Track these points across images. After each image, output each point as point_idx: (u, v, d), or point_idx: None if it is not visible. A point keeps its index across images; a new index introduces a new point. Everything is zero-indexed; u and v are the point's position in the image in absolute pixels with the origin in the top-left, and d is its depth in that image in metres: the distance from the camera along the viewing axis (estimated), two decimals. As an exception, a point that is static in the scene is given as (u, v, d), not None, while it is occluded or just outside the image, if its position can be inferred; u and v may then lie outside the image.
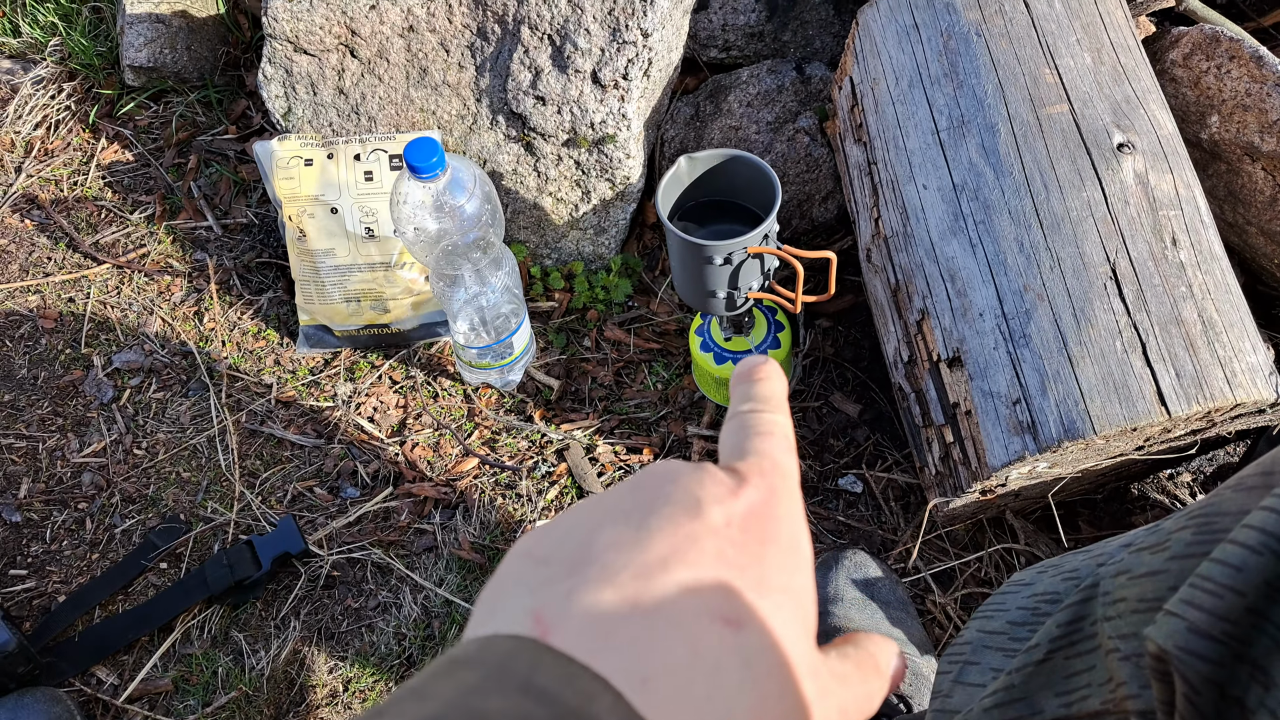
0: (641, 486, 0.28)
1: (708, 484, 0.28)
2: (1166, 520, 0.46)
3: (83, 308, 1.38)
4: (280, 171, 1.22)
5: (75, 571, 1.16)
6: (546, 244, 1.36)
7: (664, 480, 0.28)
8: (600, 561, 0.25)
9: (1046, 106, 0.96)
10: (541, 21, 1.16)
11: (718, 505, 0.27)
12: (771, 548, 0.27)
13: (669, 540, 0.26)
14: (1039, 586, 0.58)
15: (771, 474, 0.29)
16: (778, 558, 0.27)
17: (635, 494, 0.28)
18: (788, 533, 0.28)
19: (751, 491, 0.28)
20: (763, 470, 0.29)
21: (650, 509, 0.27)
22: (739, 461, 0.30)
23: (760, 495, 0.28)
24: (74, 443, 1.26)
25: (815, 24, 1.36)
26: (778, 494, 0.29)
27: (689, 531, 0.26)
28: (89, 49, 1.56)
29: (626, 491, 0.28)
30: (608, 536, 0.26)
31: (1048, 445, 0.87)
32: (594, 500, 0.29)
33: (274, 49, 1.22)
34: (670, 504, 0.27)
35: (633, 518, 0.27)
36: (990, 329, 0.92)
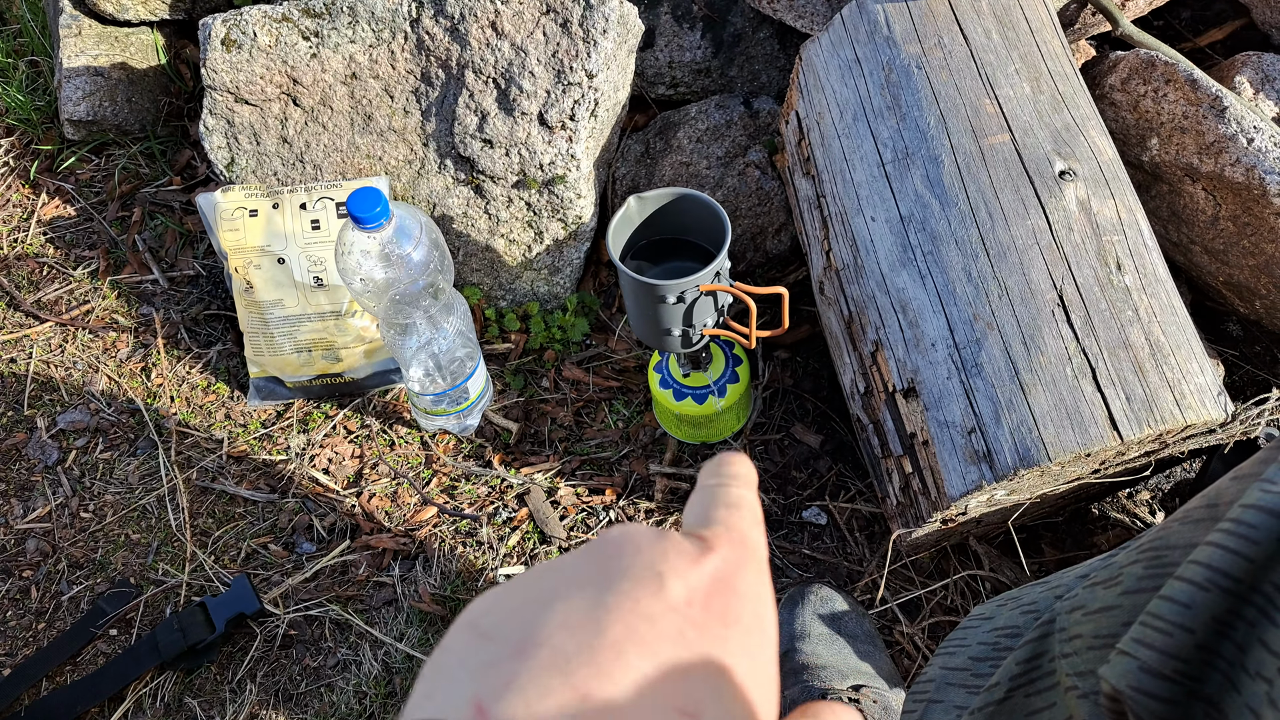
0: (599, 555, 0.27)
1: (670, 555, 0.26)
2: (1119, 552, 0.45)
3: (25, 368, 1.34)
4: (225, 223, 1.20)
5: (20, 643, 1.12)
6: (500, 285, 1.35)
7: (623, 549, 0.27)
8: (549, 644, 0.24)
9: (988, 136, 0.97)
10: (485, 65, 1.16)
11: (679, 579, 0.26)
12: (734, 629, 0.26)
13: (625, 621, 0.24)
14: (999, 620, 0.58)
15: (738, 545, 0.28)
16: (740, 639, 0.26)
17: (592, 564, 0.26)
18: (751, 610, 0.27)
19: (715, 560, 0.27)
20: (730, 540, 0.28)
21: (607, 583, 0.25)
22: (704, 529, 0.29)
23: (724, 566, 0.27)
24: (18, 508, 1.22)
25: (761, 59, 1.37)
26: (743, 567, 0.28)
27: (647, 611, 0.25)
28: (26, 104, 1.53)
29: (583, 560, 0.27)
30: (559, 615, 0.25)
31: (1004, 473, 0.87)
32: (548, 568, 0.27)
33: (214, 100, 1.21)
34: (629, 578, 0.25)
35: (587, 592, 0.25)
36: (943, 359, 0.92)
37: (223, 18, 1.16)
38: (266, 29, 1.16)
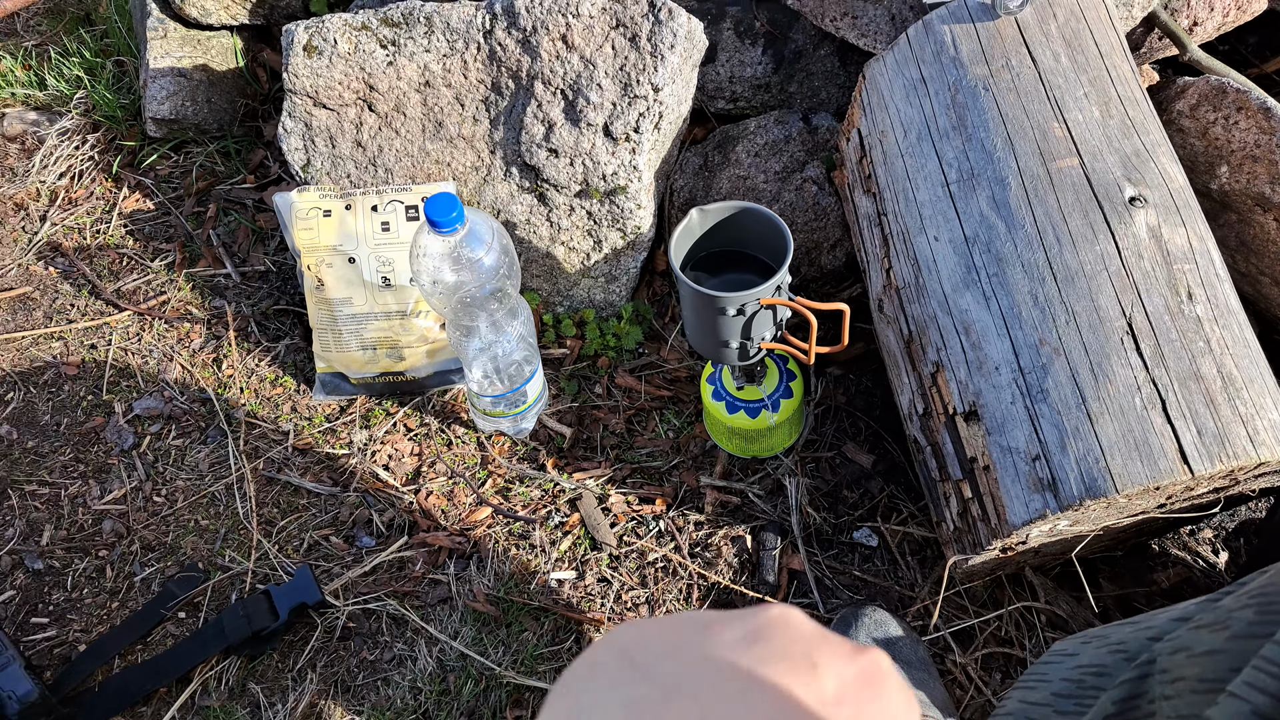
0: (759, 625, 0.27)
1: (826, 646, 0.27)
2: (1224, 597, 0.45)
3: (104, 354, 1.40)
4: (299, 222, 1.24)
5: (95, 620, 1.17)
6: (558, 292, 1.37)
7: (785, 628, 0.27)
8: (699, 700, 0.24)
9: (1056, 160, 0.97)
10: (555, 77, 1.18)
11: (832, 671, 0.26)
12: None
13: (773, 702, 0.24)
14: (1083, 658, 0.58)
15: (886, 658, 0.28)
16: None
17: (750, 630, 0.26)
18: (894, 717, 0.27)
19: (869, 659, 0.27)
20: (881, 651, 0.28)
21: (765, 657, 0.25)
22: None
23: (875, 668, 0.27)
24: (95, 490, 1.27)
25: (821, 75, 1.38)
26: (892, 674, 0.28)
27: (797, 699, 0.25)
28: (112, 102, 1.59)
29: (741, 624, 0.27)
30: (712, 672, 0.25)
31: (1069, 503, 0.87)
32: (704, 617, 0.27)
33: (294, 103, 1.25)
34: (786, 658, 0.26)
35: (742, 659, 0.25)
36: (1007, 383, 0.92)
37: (305, 25, 1.20)
38: (346, 36, 1.19)
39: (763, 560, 1.18)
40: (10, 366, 1.40)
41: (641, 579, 1.18)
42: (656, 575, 1.18)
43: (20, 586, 1.20)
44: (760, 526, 1.20)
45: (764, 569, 1.17)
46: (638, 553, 1.20)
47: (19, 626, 1.17)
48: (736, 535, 1.20)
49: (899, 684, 0.28)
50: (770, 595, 1.15)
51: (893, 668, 0.28)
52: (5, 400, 1.37)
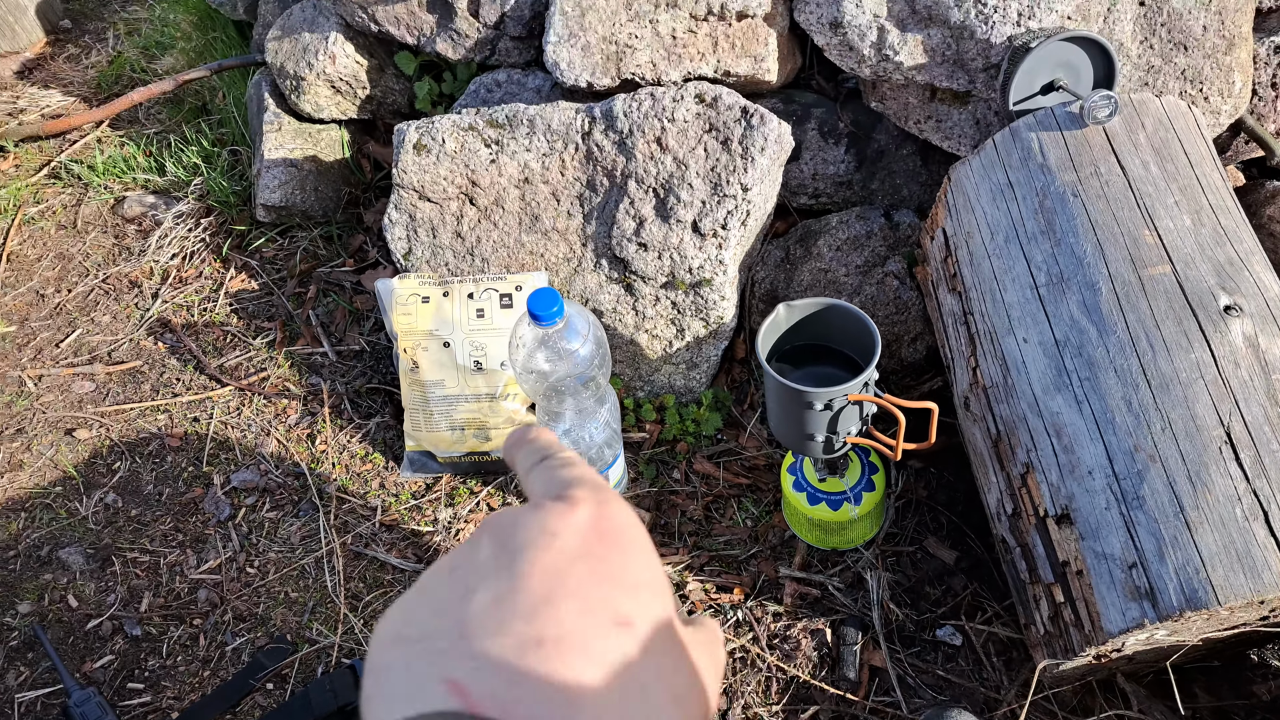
0: (492, 542, 0.29)
1: (551, 518, 0.30)
2: None
3: (206, 427, 1.47)
4: (399, 307, 1.31)
5: (188, 688, 1.21)
6: (640, 377, 1.40)
7: (510, 529, 0.30)
8: (489, 618, 0.26)
9: (1148, 267, 0.98)
10: (648, 176, 1.24)
11: (569, 532, 0.29)
12: (629, 549, 0.30)
13: (543, 578, 0.27)
14: None
15: (597, 490, 0.31)
16: (636, 557, 0.30)
17: (488, 550, 0.29)
18: (630, 534, 0.30)
19: (586, 508, 0.30)
20: (589, 488, 0.31)
21: (513, 558, 0.28)
22: (566, 490, 0.32)
23: (595, 509, 0.30)
24: (192, 559, 1.32)
25: (903, 174, 1.41)
26: (609, 504, 0.31)
27: (555, 564, 0.28)
28: (226, 188, 1.70)
29: (478, 550, 0.29)
30: (483, 597, 0.27)
31: (1168, 614, 0.85)
32: (441, 571, 0.29)
33: (400, 196, 1.32)
34: (528, 547, 0.28)
35: (500, 572, 0.28)
36: (1101, 488, 0.92)
37: (416, 125, 1.29)
38: (454, 136, 1.27)
39: (843, 655, 1.17)
40: (119, 437, 1.47)
41: (720, 670, 1.17)
42: (735, 666, 1.18)
43: (119, 652, 1.25)
44: (840, 620, 1.19)
45: (844, 664, 1.16)
46: (716, 642, 1.20)
47: (116, 691, 1.21)
48: (816, 628, 1.19)
49: (618, 506, 0.31)
50: (851, 691, 1.14)
51: (607, 496, 0.31)
52: (113, 469, 1.44)
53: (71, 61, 2.24)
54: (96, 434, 1.48)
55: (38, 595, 1.31)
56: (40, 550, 1.35)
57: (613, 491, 0.32)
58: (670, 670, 0.28)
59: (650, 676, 0.27)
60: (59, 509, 1.40)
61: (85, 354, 1.59)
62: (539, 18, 1.40)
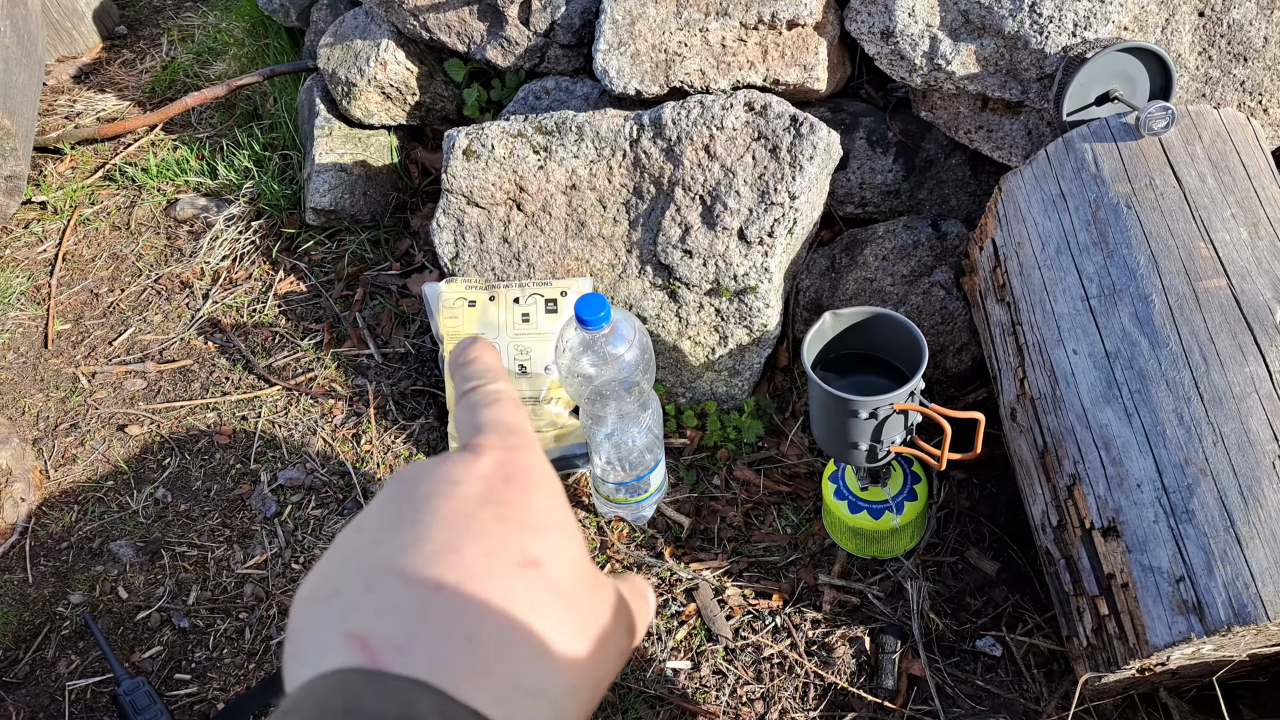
0: (397, 495, 0.29)
1: (454, 468, 0.30)
2: None
3: (254, 426, 1.50)
4: (445, 310, 1.33)
5: (233, 680, 1.23)
6: (682, 383, 1.41)
7: (415, 481, 0.30)
8: (392, 569, 0.26)
9: (1203, 280, 0.97)
10: (695, 184, 1.25)
11: (471, 479, 0.29)
12: (535, 492, 0.30)
13: (446, 525, 0.27)
14: None
15: (507, 435, 0.31)
16: (543, 500, 0.30)
17: (394, 503, 0.29)
18: (539, 476, 0.31)
19: (492, 455, 0.30)
20: (499, 433, 0.31)
21: (416, 509, 0.28)
22: (476, 438, 0.32)
23: (502, 455, 0.30)
24: (239, 554, 1.35)
25: (951, 184, 1.41)
26: (518, 449, 0.31)
27: (459, 510, 0.28)
28: (277, 191, 1.74)
29: (384, 504, 0.29)
30: (388, 548, 0.27)
31: (1215, 628, 0.84)
32: (352, 529, 0.29)
33: (449, 201, 1.35)
34: (432, 496, 0.29)
35: (404, 523, 0.28)
36: (1149, 501, 0.91)
37: (465, 131, 1.31)
38: (503, 142, 1.29)
39: (882, 663, 1.16)
40: (169, 433, 1.51)
41: (757, 674, 1.18)
42: (772, 671, 1.18)
43: (167, 643, 1.28)
44: (879, 629, 1.19)
45: (883, 673, 1.15)
46: (753, 647, 1.20)
47: (164, 681, 1.24)
48: (855, 636, 1.19)
49: (528, 451, 0.31)
50: (889, 700, 1.13)
51: (517, 441, 0.31)
52: (163, 465, 1.47)
53: (126, 66, 2.30)
54: (147, 430, 1.51)
55: (89, 586, 1.34)
56: (92, 542, 1.39)
57: (525, 435, 0.32)
58: (582, 606, 0.28)
59: (559, 613, 0.27)
60: (110, 503, 1.43)
61: (137, 352, 1.63)
62: (589, 26, 1.42)
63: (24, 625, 1.31)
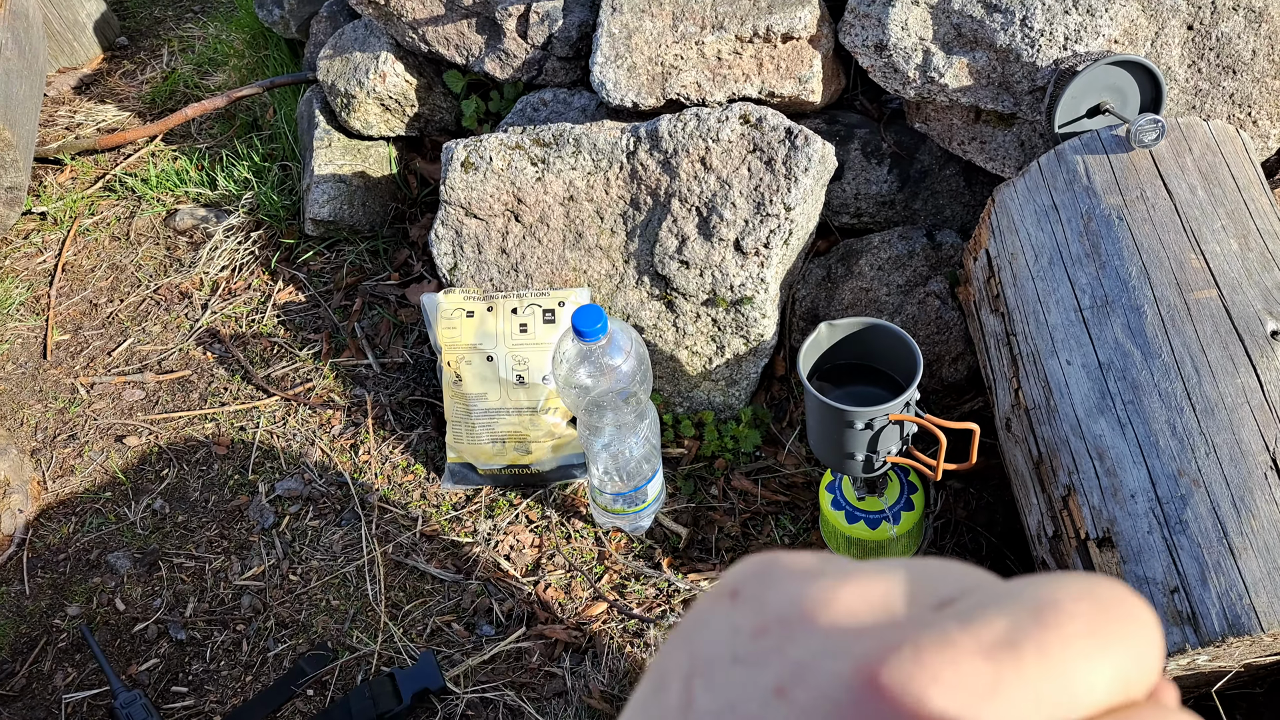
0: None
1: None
2: None
3: (252, 436, 1.50)
4: (443, 321, 1.33)
5: (230, 692, 1.23)
6: (679, 393, 1.42)
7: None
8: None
9: (1194, 291, 0.98)
10: (691, 195, 1.26)
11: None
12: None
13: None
14: None
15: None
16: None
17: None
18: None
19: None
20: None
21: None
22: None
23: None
24: (236, 565, 1.35)
25: (946, 194, 1.42)
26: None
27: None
28: (276, 202, 1.75)
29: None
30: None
31: (1210, 639, 0.85)
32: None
33: (447, 212, 1.35)
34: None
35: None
36: (1143, 512, 0.92)
37: (464, 143, 1.32)
38: (501, 154, 1.30)
39: (879, 676, 1.16)
40: (167, 444, 1.51)
41: (755, 687, 1.18)
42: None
43: (164, 655, 1.28)
44: (877, 640, 1.19)
45: (881, 685, 1.15)
46: (752, 659, 1.20)
47: (161, 694, 1.24)
48: (853, 648, 1.19)
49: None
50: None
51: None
52: (161, 476, 1.47)
53: (127, 77, 2.31)
54: (146, 441, 1.52)
55: (86, 598, 1.34)
56: (89, 554, 1.39)
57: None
58: None
59: None
60: (108, 514, 1.43)
61: (136, 363, 1.63)
62: (586, 39, 1.43)
63: (21, 637, 1.31)
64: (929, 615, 0.17)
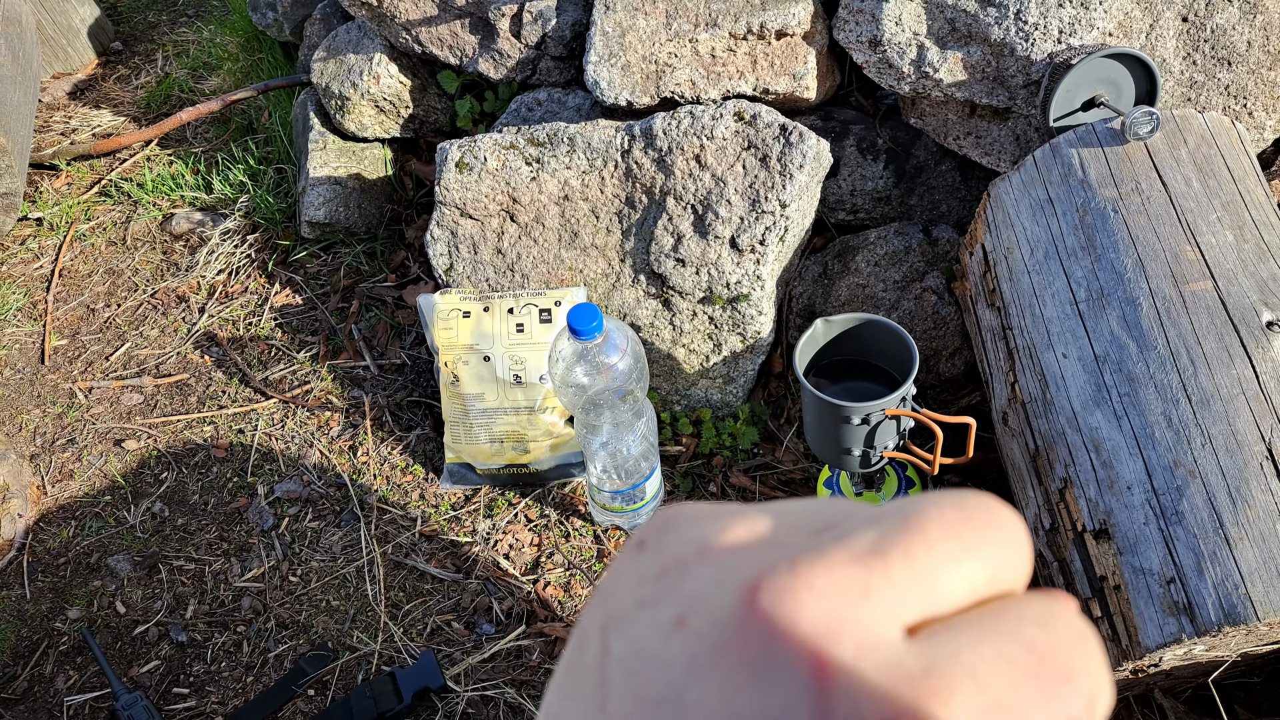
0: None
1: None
2: None
3: (251, 439, 1.50)
4: (440, 322, 1.33)
5: (231, 693, 1.23)
6: (677, 391, 1.42)
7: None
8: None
9: (1189, 283, 0.98)
10: (686, 193, 1.26)
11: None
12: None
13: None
14: None
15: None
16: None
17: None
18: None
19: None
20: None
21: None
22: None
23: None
24: (236, 567, 1.35)
25: (941, 189, 1.42)
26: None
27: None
28: (272, 205, 1.75)
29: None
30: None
31: (1206, 628, 0.85)
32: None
33: (443, 213, 1.35)
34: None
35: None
36: (1140, 503, 0.92)
37: (459, 144, 1.32)
38: (496, 154, 1.30)
39: (879, 671, 1.17)
40: (166, 447, 1.51)
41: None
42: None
43: (165, 657, 1.28)
44: (877, 635, 1.19)
45: (881, 680, 1.16)
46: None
47: (162, 695, 1.24)
48: (852, 643, 1.19)
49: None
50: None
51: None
52: (160, 479, 1.47)
53: (121, 82, 2.31)
54: (144, 445, 1.52)
55: (87, 601, 1.34)
56: (90, 557, 1.39)
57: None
58: None
59: None
60: (108, 517, 1.43)
61: (134, 367, 1.63)
62: (579, 38, 1.43)
63: (22, 641, 1.31)
64: (807, 539, 0.18)
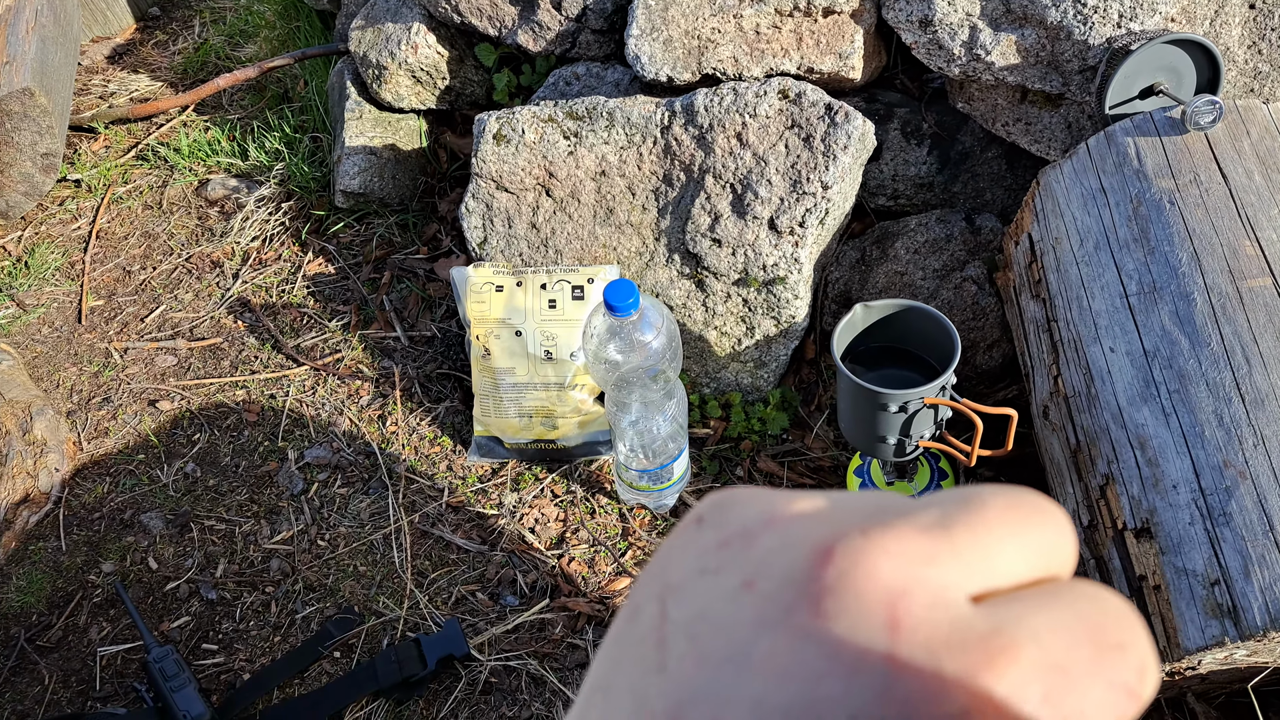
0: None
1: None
2: None
3: (282, 404, 1.51)
4: (473, 295, 1.33)
5: (259, 652, 1.24)
6: (707, 373, 1.40)
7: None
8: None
9: (1247, 279, 0.95)
10: (726, 171, 1.24)
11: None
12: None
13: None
14: None
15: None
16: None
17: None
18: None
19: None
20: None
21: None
22: None
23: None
24: (266, 529, 1.36)
25: (986, 177, 1.39)
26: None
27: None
28: (307, 174, 1.74)
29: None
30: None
31: (1250, 632, 0.83)
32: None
33: (478, 186, 1.34)
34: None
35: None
36: (1185, 503, 0.90)
37: (496, 115, 1.31)
38: (534, 127, 1.29)
39: (905, 661, 1.15)
40: (199, 409, 1.52)
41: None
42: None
43: (195, 614, 1.29)
44: (903, 626, 1.18)
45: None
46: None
47: (191, 651, 1.26)
48: (878, 632, 1.18)
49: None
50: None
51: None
52: (193, 440, 1.49)
53: (159, 47, 2.31)
54: (178, 406, 1.53)
55: (120, 556, 1.36)
56: (124, 514, 1.41)
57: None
58: None
59: None
60: (141, 475, 1.45)
61: (169, 329, 1.64)
62: (620, 11, 1.41)
63: (57, 592, 1.33)
64: (869, 517, 0.19)
